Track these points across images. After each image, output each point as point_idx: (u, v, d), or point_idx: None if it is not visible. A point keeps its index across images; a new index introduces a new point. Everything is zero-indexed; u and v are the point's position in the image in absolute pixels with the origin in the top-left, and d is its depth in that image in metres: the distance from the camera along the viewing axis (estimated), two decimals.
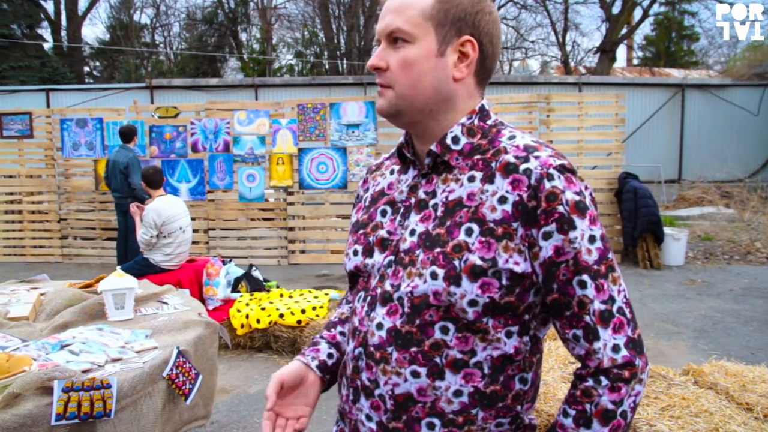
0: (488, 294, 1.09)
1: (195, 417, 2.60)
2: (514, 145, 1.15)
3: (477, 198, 1.13)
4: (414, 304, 1.13)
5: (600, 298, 1.10)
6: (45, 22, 25.61)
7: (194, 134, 9.06)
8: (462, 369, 1.12)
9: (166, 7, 29.63)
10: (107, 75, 28.55)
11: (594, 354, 1.10)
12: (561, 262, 1.09)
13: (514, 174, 1.11)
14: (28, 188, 9.76)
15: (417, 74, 1.15)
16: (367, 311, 1.20)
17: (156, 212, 5.61)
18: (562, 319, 1.13)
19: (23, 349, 2.17)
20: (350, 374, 1.23)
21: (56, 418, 1.82)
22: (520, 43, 27.29)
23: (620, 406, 1.09)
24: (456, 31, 1.16)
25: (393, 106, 1.18)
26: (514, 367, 1.16)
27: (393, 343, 1.15)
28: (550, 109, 8.76)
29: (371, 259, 1.22)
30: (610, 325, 1.10)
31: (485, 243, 1.09)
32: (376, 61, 1.17)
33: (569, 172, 1.11)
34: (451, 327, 1.12)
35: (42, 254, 9.75)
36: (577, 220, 1.08)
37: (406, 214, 1.20)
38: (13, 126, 9.45)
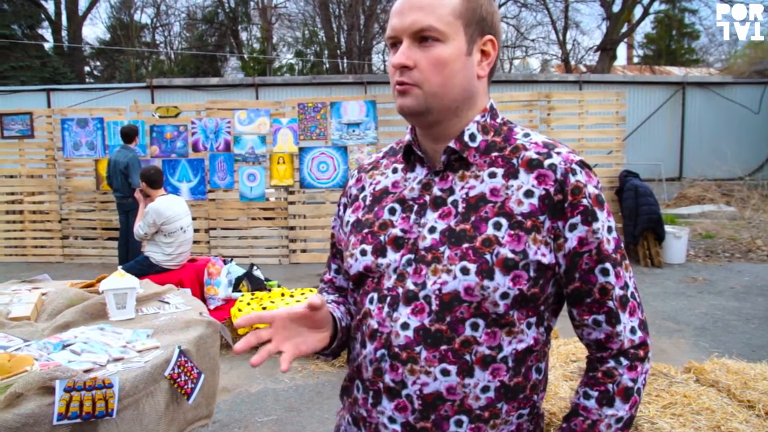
0: (518, 286, 1.12)
1: (198, 417, 2.60)
2: (533, 142, 1.20)
3: (502, 193, 1.15)
4: (443, 302, 1.13)
5: (618, 284, 1.17)
6: (46, 23, 25.63)
7: (195, 134, 9.06)
8: (490, 365, 1.15)
9: (167, 6, 29.65)
10: (108, 75, 28.57)
11: (617, 336, 1.17)
12: (584, 252, 1.14)
13: (539, 169, 1.15)
14: (29, 188, 9.77)
15: (450, 73, 1.16)
16: (388, 312, 1.18)
17: (157, 212, 5.61)
18: (581, 306, 1.19)
19: (25, 349, 2.18)
20: (370, 377, 1.20)
21: (58, 418, 1.82)
22: (520, 42, 27.30)
23: (637, 383, 1.18)
24: (480, 31, 1.19)
25: (422, 105, 1.16)
26: (533, 358, 1.19)
27: (422, 343, 1.14)
28: (550, 108, 8.75)
29: (384, 259, 1.21)
30: (627, 309, 1.18)
31: (515, 236, 1.12)
32: (404, 60, 1.15)
33: (587, 168, 1.17)
34: (481, 323, 1.13)
35: (43, 254, 9.75)
36: (598, 212, 1.15)
37: (422, 212, 1.20)
38: (14, 126, 9.46)
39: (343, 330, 1.29)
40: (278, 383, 4.71)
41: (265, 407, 4.28)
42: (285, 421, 4.05)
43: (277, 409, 4.25)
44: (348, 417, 1.30)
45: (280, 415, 4.15)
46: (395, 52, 1.18)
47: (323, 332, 1.22)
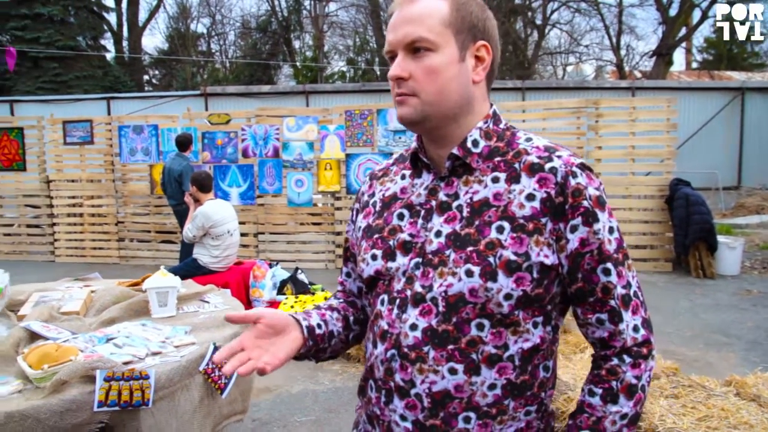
0: (522, 287, 1.16)
1: (234, 412, 2.70)
2: (535, 147, 1.23)
3: (504, 197, 1.19)
4: (449, 303, 1.17)
5: (621, 283, 1.20)
6: (108, 34, 26.70)
7: (245, 140, 9.28)
8: (496, 363, 1.18)
9: (222, 16, 30.43)
10: (165, 83, 29.49)
11: (619, 335, 1.20)
12: (586, 252, 1.18)
13: (540, 173, 1.18)
14: (88, 192, 10.19)
15: (443, 81, 1.19)
16: (397, 314, 1.23)
17: (205, 215, 5.79)
18: (584, 305, 1.22)
19: (72, 340, 2.31)
20: (382, 376, 1.25)
21: (98, 405, 1.94)
22: (574, 48, 26.93)
23: (641, 381, 1.20)
24: (472, 38, 1.22)
25: (420, 113, 1.21)
26: (540, 356, 1.22)
27: (429, 343, 1.18)
28: (598, 115, 8.62)
29: (394, 263, 1.25)
30: (629, 308, 1.20)
31: (517, 239, 1.16)
32: (398, 71, 1.20)
33: (588, 170, 1.20)
34: (486, 323, 1.17)
35: (101, 255, 10.15)
36: (599, 213, 1.18)
37: (428, 217, 1.24)
38: (75, 133, 9.89)
39: (317, 336, 1.34)
40: (318, 384, 4.80)
41: (305, 407, 4.37)
42: (323, 422, 4.12)
43: (315, 409, 4.33)
44: (364, 415, 1.35)
45: (319, 415, 4.23)
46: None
47: (291, 333, 1.27)
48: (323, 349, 1.37)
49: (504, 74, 23.71)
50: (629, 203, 8.67)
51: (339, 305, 1.48)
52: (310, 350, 1.33)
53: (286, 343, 1.25)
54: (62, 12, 21.46)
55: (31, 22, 20.88)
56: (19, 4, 20.94)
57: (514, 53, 25.46)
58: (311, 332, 1.32)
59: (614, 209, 8.06)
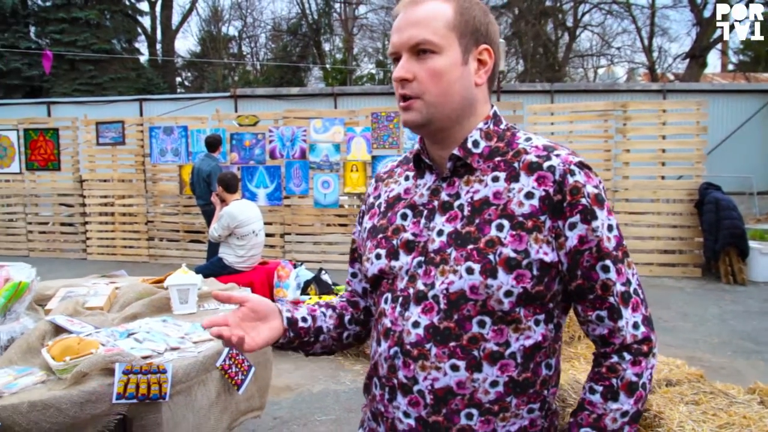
0: (522, 284, 1.17)
1: (251, 408, 2.75)
2: (534, 146, 1.25)
3: (504, 196, 1.21)
4: (450, 300, 1.19)
5: (620, 280, 1.21)
6: (142, 37, 27.23)
7: (272, 141, 9.39)
8: (498, 360, 1.20)
9: (253, 19, 30.78)
10: (197, 85, 29.90)
11: (619, 332, 1.21)
12: (585, 249, 1.19)
13: (538, 171, 1.20)
14: (119, 192, 10.41)
15: (447, 83, 1.22)
16: (400, 311, 1.25)
17: (230, 216, 5.88)
18: (584, 303, 1.23)
19: (95, 334, 2.38)
20: (385, 374, 1.27)
21: (117, 397, 2.00)
22: (605, 50, 26.61)
23: (641, 378, 1.21)
24: (474, 41, 1.25)
25: (425, 116, 1.23)
26: (542, 354, 1.24)
27: (431, 340, 1.20)
28: (626, 118, 8.53)
29: (397, 262, 1.28)
30: (629, 305, 1.21)
31: (516, 236, 1.18)
32: (403, 73, 1.22)
33: (587, 168, 1.22)
34: (487, 321, 1.19)
35: (131, 254, 10.35)
36: (597, 210, 1.19)
37: (431, 216, 1.27)
38: (107, 134, 10.12)
39: (300, 329, 1.36)
40: (339, 384, 4.83)
41: (326, 407, 4.40)
42: (343, 421, 4.15)
43: (336, 409, 4.37)
44: (369, 413, 1.37)
45: (339, 414, 4.27)
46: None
47: (273, 322, 1.30)
48: (308, 342, 1.40)
49: (534, 77, 23.55)
50: (658, 207, 8.55)
51: (338, 303, 1.50)
52: (292, 342, 1.36)
53: (266, 330, 1.28)
54: (98, 16, 21.95)
55: (69, 26, 21.41)
56: (58, 9, 21.52)
57: (544, 56, 25.26)
58: (292, 324, 1.34)
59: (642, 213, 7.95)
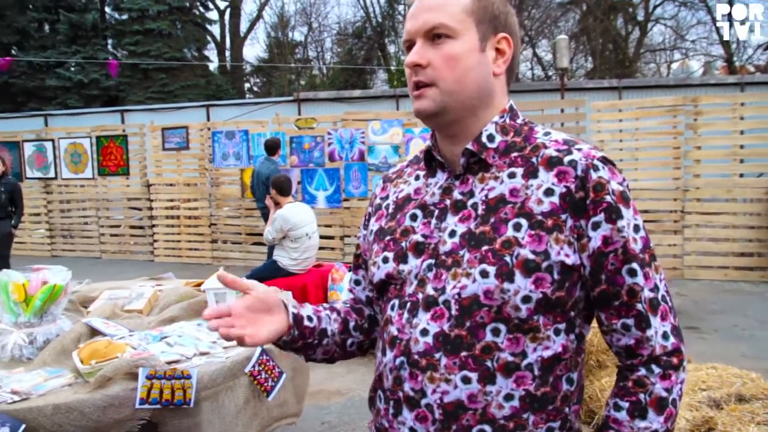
0: (541, 289, 1.09)
1: (285, 414, 2.71)
2: (553, 140, 1.17)
3: (521, 193, 1.13)
4: (463, 306, 1.11)
5: (648, 286, 1.11)
6: (211, 45, 28.11)
7: (331, 144, 9.44)
8: (513, 372, 1.10)
9: (319, 24, 31.20)
10: (265, 90, 30.58)
11: (647, 342, 1.12)
12: (609, 251, 1.10)
13: (558, 166, 1.12)
14: (184, 195, 10.71)
15: (463, 69, 1.16)
16: (407, 318, 1.17)
17: (284, 219, 5.92)
18: (608, 310, 1.14)
19: (128, 337, 2.41)
20: (390, 386, 1.19)
21: (140, 402, 2.00)
22: (679, 44, 25.53)
23: (671, 394, 1.11)
24: (493, 29, 1.19)
25: (439, 104, 1.17)
26: (562, 367, 1.14)
27: (441, 349, 1.12)
28: (697, 113, 8.10)
29: (406, 265, 1.20)
30: (658, 313, 1.12)
31: (535, 236, 1.09)
32: (417, 58, 1.16)
33: (611, 164, 1.13)
34: (502, 328, 1.10)
35: (195, 256, 10.63)
36: (623, 209, 1.11)
37: (442, 217, 1.19)
38: (173, 139, 10.45)
39: (305, 328, 1.28)
40: None
41: None
42: None
43: None
44: (374, 428, 1.28)
45: None
46: None
47: (278, 315, 1.23)
48: (311, 345, 1.30)
49: (603, 74, 22.84)
50: (733, 207, 8.08)
51: (342, 308, 1.41)
52: (295, 341, 1.27)
53: (271, 323, 1.21)
54: (170, 26, 22.79)
55: (143, 37, 22.33)
56: (133, 22, 22.52)
57: (614, 52, 24.46)
58: (298, 321, 1.26)
59: (716, 213, 7.49)
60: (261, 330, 1.19)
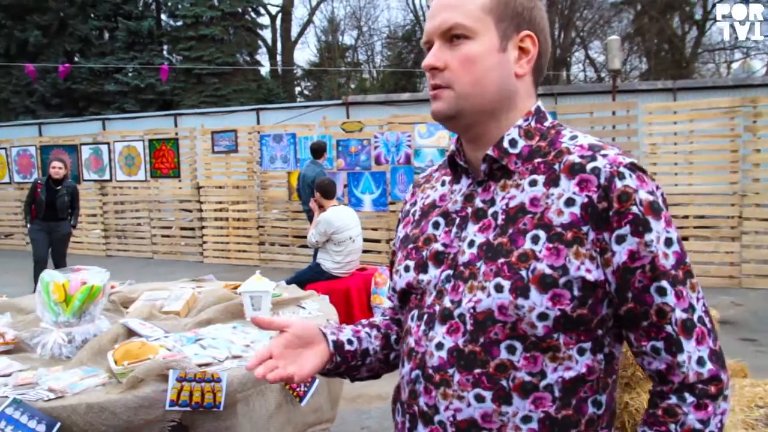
0: (559, 306, 1.02)
1: (319, 420, 2.70)
2: (578, 145, 1.10)
3: (542, 203, 1.07)
4: (477, 321, 1.06)
5: (681, 306, 1.03)
6: (263, 49, 28.60)
7: (377, 147, 9.45)
8: (531, 393, 1.04)
9: (369, 27, 31.38)
10: (316, 94, 30.91)
11: (678, 368, 1.03)
12: (636, 267, 1.02)
13: (580, 174, 1.05)
14: (233, 198, 10.89)
15: (481, 71, 1.10)
16: (424, 330, 1.13)
17: (327, 222, 5.93)
18: (637, 331, 1.05)
19: (162, 339, 2.43)
20: (406, 399, 1.16)
21: (170, 404, 2.02)
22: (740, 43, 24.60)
23: (707, 426, 1.02)
24: (515, 27, 1.12)
25: (453, 107, 1.12)
26: (587, 389, 1.07)
27: (455, 365, 1.07)
28: (756, 114, 7.76)
29: (425, 275, 1.16)
30: (693, 336, 1.03)
31: (553, 250, 1.03)
32: (433, 61, 1.12)
33: (640, 171, 1.04)
34: (518, 346, 1.04)
35: (243, 258, 10.78)
36: (652, 221, 1.02)
37: (463, 225, 1.14)
38: (222, 142, 10.65)
39: (346, 353, 1.26)
40: None
41: None
42: None
43: None
44: None
45: None
46: None
47: (318, 346, 1.22)
48: (355, 367, 1.29)
49: (658, 75, 22.22)
50: None
51: (381, 323, 1.39)
52: (339, 367, 1.26)
53: (312, 356, 1.20)
54: (222, 32, 23.29)
55: (196, 42, 22.88)
56: (188, 28, 23.11)
57: (669, 52, 23.77)
58: (339, 348, 1.25)
59: None
60: (305, 365, 1.17)
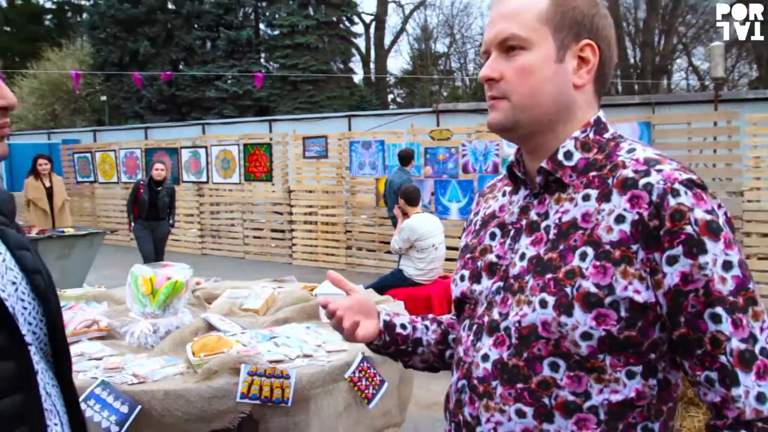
0: (604, 327, 0.99)
1: (388, 424, 2.72)
2: (634, 159, 1.05)
3: (593, 218, 1.04)
4: (522, 335, 1.05)
5: (738, 335, 0.95)
6: (356, 57, 29.16)
7: (465, 156, 9.38)
8: (574, 413, 1.02)
9: (462, 35, 31.31)
10: (408, 102, 31.16)
11: (733, 402, 0.96)
12: (689, 291, 0.96)
13: (632, 190, 1.00)
14: (322, 202, 11.14)
15: (537, 82, 1.09)
16: (472, 341, 1.14)
17: (411, 229, 5.96)
18: (691, 359, 1.00)
19: (239, 335, 2.53)
20: (452, 408, 1.17)
21: (241, 396, 2.10)
22: None
23: None
24: (574, 36, 1.10)
25: (510, 118, 1.11)
26: (636, 414, 1.03)
27: (498, 377, 1.07)
28: None
29: (479, 285, 1.17)
30: (752, 369, 0.95)
31: (600, 268, 0.99)
32: (489, 72, 1.11)
33: (699, 188, 0.99)
34: (561, 364, 1.02)
35: (330, 261, 10.99)
36: (708, 242, 0.96)
37: (517, 237, 1.14)
38: (313, 148, 10.93)
39: (396, 335, 1.33)
40: None
41: None
42: None
43: None
44: None
45: None
46: None
47: (371, 320, 1.31)
48: (405, 351, 1.36)
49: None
50: None
51: (446, 320, 1.41)
52: (388, 346, 1.34)
53: (367, 325, 1.29)
54: (317, 40, 24.01)
55: (292, 51, 23.72)
56: (284, 37, 23.97)
57: None
58: (389, 328, 1.33)
59: None
60: (360, 330, 1.26)
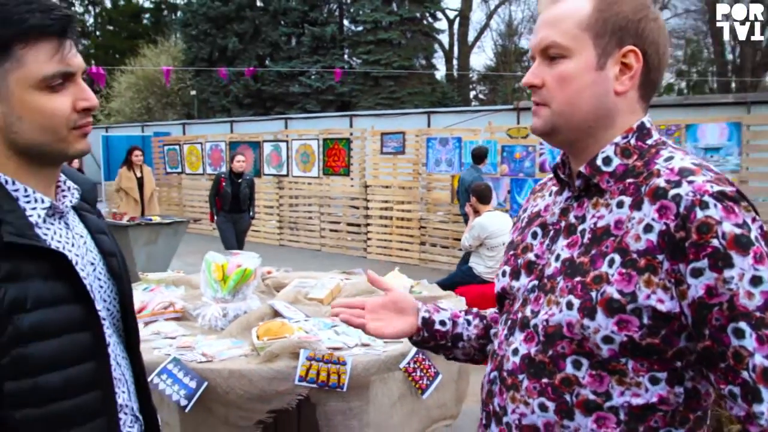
0: (626, 332, 1.01)
1: (444, 416, 2.79)
2: (669, 168, 1.05)
3: (624, 226, 1.05)
4: (548, 333, 1.10)
5: (763, 351, 0.94)
6: (439, 53, 29.10)
7: (542, 154, 9.25)
8: (594, 412, 1.05)
9: None
10: (491, 98, 30.84)
11: (755, 419, 0.95)
12: (714, 304, 0.96)
13: (662, 200, 1.01)
14: (398, 198, 11.24)
15: (575, 90, 1.11)
16: (506, 335, 1.19)
17: (481, 227, 5.97)
18: (716, 372, 0.99)
19: (302, 322, 2.66)
20: (484, 398, 1.23)
21: (299, 379, 2.22)
22: None
23: None
24: (617, 42, 1.10)
25: (548, 124, 1.14)
26: (658, 419, 1.04)
27: (525, 371, 1.12)
28: None
29: (517, 282, 1.21)
30: None
31: (625, 275, 1.01)
32: (531, 79, 1.15)
33: (731, 201, 0.97)
34: (584, 362, 1.06)
35: (404, 256, 11.09)
36: (735, 257, 0.95)
37: (555, 238, 1.17)
38: (390, 143, 11.04)
39: (435, 331, 1.37)
40: None
41: None
42: None
43: None
44: None
45: None
46: None
47: (408, 317, 1.36)
48: (445, 346, 1.40)
49: None
50: None
51: (490, 315, 1.45)
52: (427, 342, 1.39)
53: (401, 323, 1.35)
54: (400, 36, 24.12)
55: (375, 46, 23.93)
56: (368, 33, 24.21)
57: None
58: (427, 324, 1.37)
59: None
60: (387, 327, 1.33)
